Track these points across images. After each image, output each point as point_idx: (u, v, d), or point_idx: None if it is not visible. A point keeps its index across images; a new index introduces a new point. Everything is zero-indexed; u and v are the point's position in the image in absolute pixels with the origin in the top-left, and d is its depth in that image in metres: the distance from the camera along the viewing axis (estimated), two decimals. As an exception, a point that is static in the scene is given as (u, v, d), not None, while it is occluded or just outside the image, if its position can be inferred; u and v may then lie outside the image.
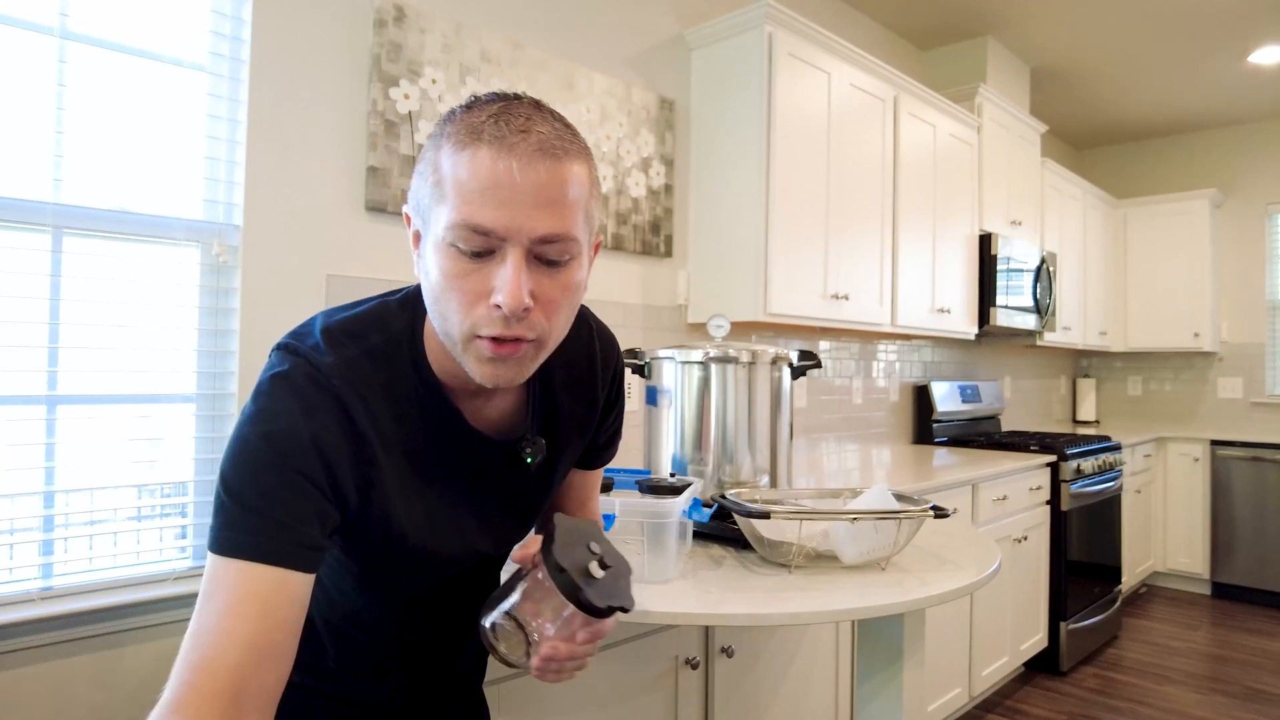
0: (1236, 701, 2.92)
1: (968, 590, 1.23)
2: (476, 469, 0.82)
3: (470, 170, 0.65)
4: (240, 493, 0.65)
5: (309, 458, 0.66)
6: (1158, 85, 4.11)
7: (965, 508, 2.57)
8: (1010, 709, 2.85)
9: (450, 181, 0.66)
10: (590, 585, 0.72)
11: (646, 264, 2.36)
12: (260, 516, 0.64)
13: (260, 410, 0.67)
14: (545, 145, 0.66)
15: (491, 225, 0.65)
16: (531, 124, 0.67)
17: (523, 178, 0.65)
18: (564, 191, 0.67)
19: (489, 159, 0.65)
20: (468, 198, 0.65)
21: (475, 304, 0.67)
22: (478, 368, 0.69)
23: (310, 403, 0.68)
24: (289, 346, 0.72)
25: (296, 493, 0.66)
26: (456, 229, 0.65)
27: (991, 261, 3.28)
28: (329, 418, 0.68)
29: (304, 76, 1.62)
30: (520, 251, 0.66)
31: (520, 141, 0.65)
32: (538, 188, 0.65)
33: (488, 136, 0.65)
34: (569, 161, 0.68)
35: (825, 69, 2.49)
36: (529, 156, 0.65)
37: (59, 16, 1.35)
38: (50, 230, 1.34)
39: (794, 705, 1.83)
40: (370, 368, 0.73)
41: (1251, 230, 4.65)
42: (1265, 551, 4.10)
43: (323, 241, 1.65)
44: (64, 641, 1.29)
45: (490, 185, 0.64)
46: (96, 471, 1.39)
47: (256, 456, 0.65)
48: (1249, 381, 4.63)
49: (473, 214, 0.64)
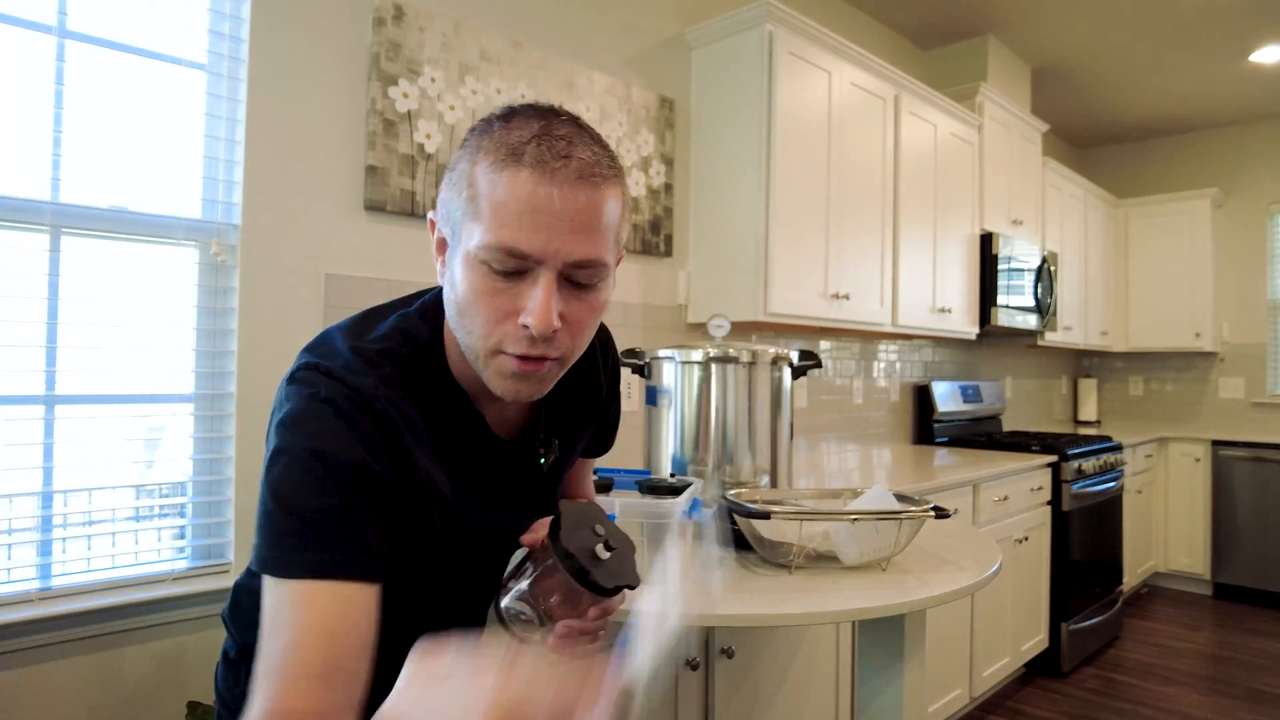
0: (1238, 702, 2.91)
1: (968, 591, 1.23)
2: (499, 471, 0.84)
3: (509, 193, 0.65)
4: (296, 510, 0.63)
5: (363, 476, 0.66)
6: (1159, 85, 4.11)
7: (966, 508, 2.57)
8: (1011, 710, 2.84)
9: (487, 200, 0.66)
10: (597, 567, 0.74)
11: (646, 263, 2.36)
12: (320, 532, 0.63)
13: (307, 432, 0.66)
14: (585, 172, 0.66)
15: (528, 250, 0.65)
16: (573, 149, 0.66)
17: (562, 205, 0.65)
18: (599, 218, 0.67)
19: (530, 184, 0.64)
20: (505, 220, 0.65)
21: (503, 321, 0.67)
22: (500, 383, 0.71)
23: (357, 424, 0.67)
24: (319, 368, 0.69)
25: (354, 509, 0.65)
26: (491, 249, 0.65)
27: (992, 261, 3.27)
28: (375, 440, 0.68)
29: (303, 75, 1.62)
30: (552, 275, 0.66)
31: (562, 168, 0.65)
32: (575, 214, 0.65)
33: (529, 160, 0.65)
34: (607, 188, 0.68)
35: (826, 68, 2.48)
36: (570, 184, 0.65)
37: (58, 15, 1.35)
38: (49, 230, 1.34)
39: (794, 706, 1.82)
40: (406, 382, 0.73)
41: (1253, 230, 4.64)
42: (1267, 552, 4.09)
43: (321, 241, 1.64)
44: (62, 642, 1.28)
45: (529, 210, 0.64)
46: (95, 472, 1.39)
47: (310, 475, 0.64)
48: (1250, 381, 4.62)
49: (509, 237, 0.65)
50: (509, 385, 0.71)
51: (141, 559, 1.43)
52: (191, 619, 1.42)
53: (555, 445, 0.87)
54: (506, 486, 0.86)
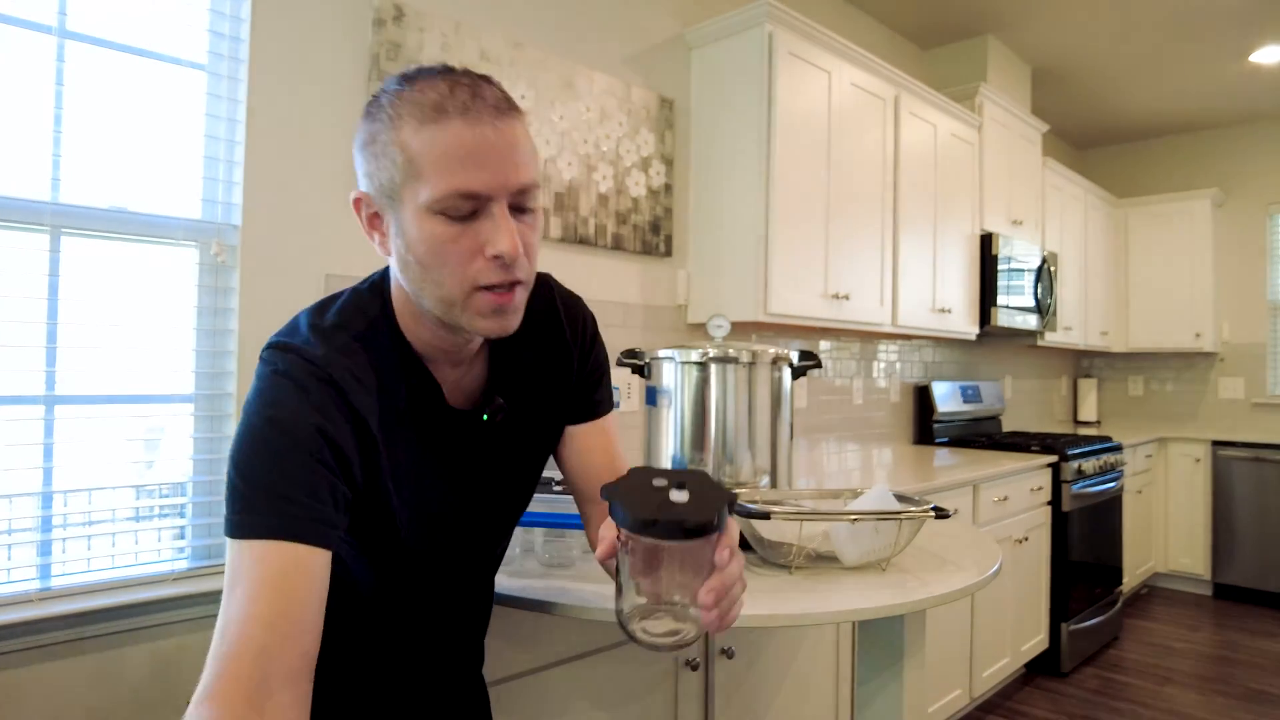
0: (1238, 702, 2.91)
1: (968, 591, 1.23)
2: (458, 439, 0.85)
3: (447, 142, 0.69)
4: (252, 477, 0.67)
5: (316, 440, 0.69)
6: (1159, 85, 4.11)
7: (966, 508, 2.57)
8: (1011, 710, 2.84)
9: (425, 156, 0.69)
10: (685, 512, 0.63)
11: (646, 264, 2.36)
12: (274, 497, 0.66)
13: (264, 402, 0.70)
14: (501, 106, 0.72)
15: (480, 188, 0.69)
16: (482, 89, 0.72)
17: (496, 139, 0.70)
18: (527, 142, 0.73)
19: (463, 129, 0.69)
20: (451, 167, 0.69)
21: (472, 260, 0.71)
22: (483, 323, 0.74)
23: (310, 392, 0.71)
24: (280, 345, 0.75)
25: (308, 472, 0.68)
26: (447, 198, 0.69)
27: (992, 261, 3.27)
28: (330, 405, 0.72)
29: (303, 76, 1.62)
30: (504, 205, 0.71)
31: (484, 108, 0.70)
32: (509, 145, 0.71)
33: (454, 109, 0.69)
34: (515, 115, 0.73)
35: (826, 68, 2.48)
36: (495, 120, 0.70)
37: (58, 15, 1.35)
38: (48, 230, 1.34)
39: (794, 707, 1.82)
40: (361, 352, 0.77)
41: (1253, 230, 4.65)
42: (1266, 552, 4.09)
43: (321, 241, 1.64)
44: (62, 642, 1.28)
45: (471, 153, 0.69)
46: (95, 472, 1.39)
47: (266, 442, 0.68)
48: (1250, 382, 4.62)
49: (460, 181, 0.69)
50: (493, 322, 0.74)
51: (141, 559, 1.43)
52: (192, 619, 1.42)
53: (500, 403, 0.87)
54: (461, 453, 0.86)
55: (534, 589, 1.17)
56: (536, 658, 1.32)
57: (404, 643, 0.91)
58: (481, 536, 0.92)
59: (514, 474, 0.92)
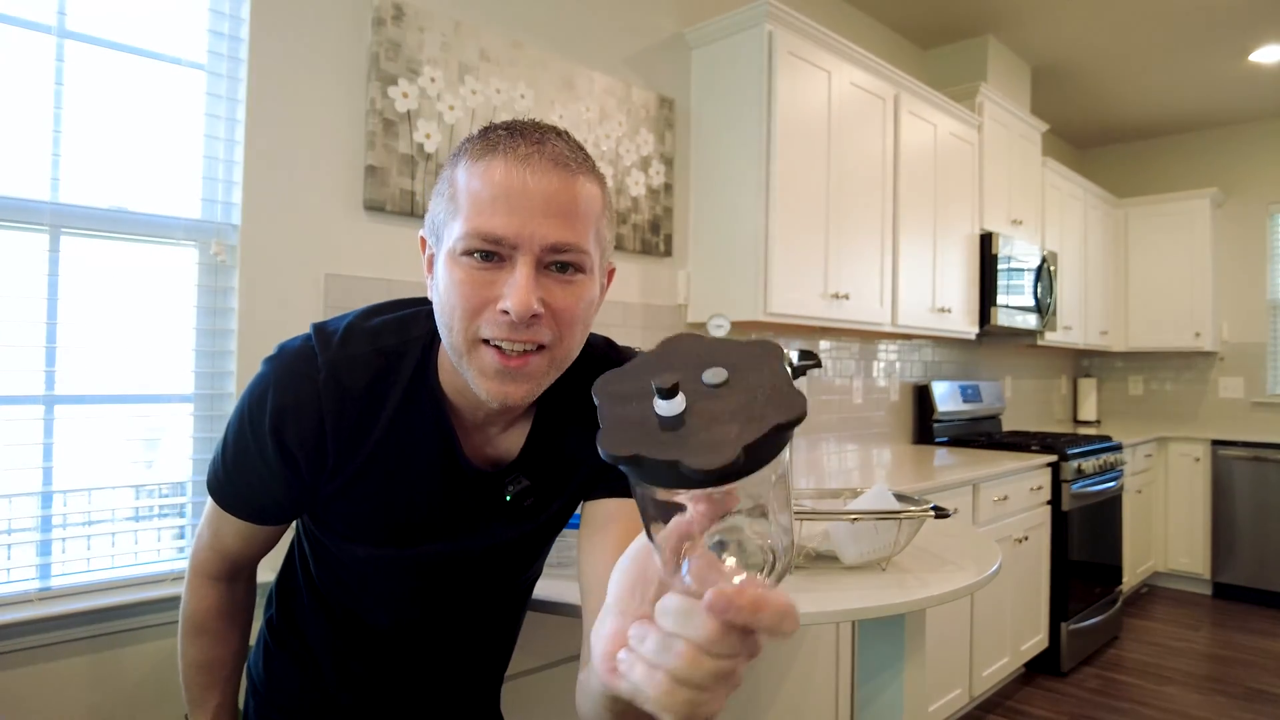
0: (1237, 702, 2.91)
1: (968, 591, 1.23)
2: (456, 494, 0.79)
3: (483, 180, 0.66)
4: (223, 454, 0.80)
5: (280, 434, 0.74)
6: (1158, 84, 4.11)
7: (966, 508, 2.57)
8: (1011, 709, 2.84)
9: (464, 194, 0.67)
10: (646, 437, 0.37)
11: (646, 263, 2.36)
12: (233, 477, 0.80)
13: (251, 392, 0.76)
14: (559, 158, 0.67)
15: (502, 233, 0.64)
16: (545, 138, 0.68)
17: (535, 185, 0.65)
18: (575, 203, 0.67)
19: (502, 167, 0.65)
20: (480, 207, 0.65)
21: (482, 310, 0.66)
22: (483, 383, 0.67)
23: (290, 386, 0.74)
24: (316, 326, 0.77)
25: (259, 463, 0.76)
26: (468, 238, 0.65)
27: (992, 261, 3.27)
28: (305, 402, 0.73)
29: (302, 75, 1.62)
30: (530, 259, 0.65)
31: (534, 153, 0.66)
32: (548, 196, 0.65)
33: (503, 148, 0.66)
34: (581, 177, 0.68)
35: (826, 68, 2.48)
36: (541, 166, 0.66)
37: (57, 15, 1.35)
38: (48, 230, 1.34)
39: (794, 706, 1.82)
40: (375, 366, 0.74)
41: (1252, 230, 4.65)
42: (1266, 552, 4.09)
43: (321, 241, 1.64)
44: (62, 642, 1.28)
45: (502, 193, 0.65)
46: (94, 472, 1.39)
47: (237, 425, 0.77)
48: (1250, 381, 4.62)
49: (484, 222, 0.65)
50: (493, 385, 0.67)
51: (141, 559, 1.43)
52: (191, 619, 1.42)
53: (525, 484, 0.81)
54: (465, 513, 0.80)
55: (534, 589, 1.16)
56: (537, 657, 1.32)
57: (409, 673, 0.91)
58: (480, 601, 0.90)
59: (512, 548, 0.85)
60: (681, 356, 0.42)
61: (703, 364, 0.40)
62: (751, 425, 0.36)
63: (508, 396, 0.67)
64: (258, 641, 0.96)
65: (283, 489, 0.78)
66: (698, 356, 0.41)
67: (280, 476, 0.76)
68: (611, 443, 0.37)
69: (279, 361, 0.75)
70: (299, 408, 0.73)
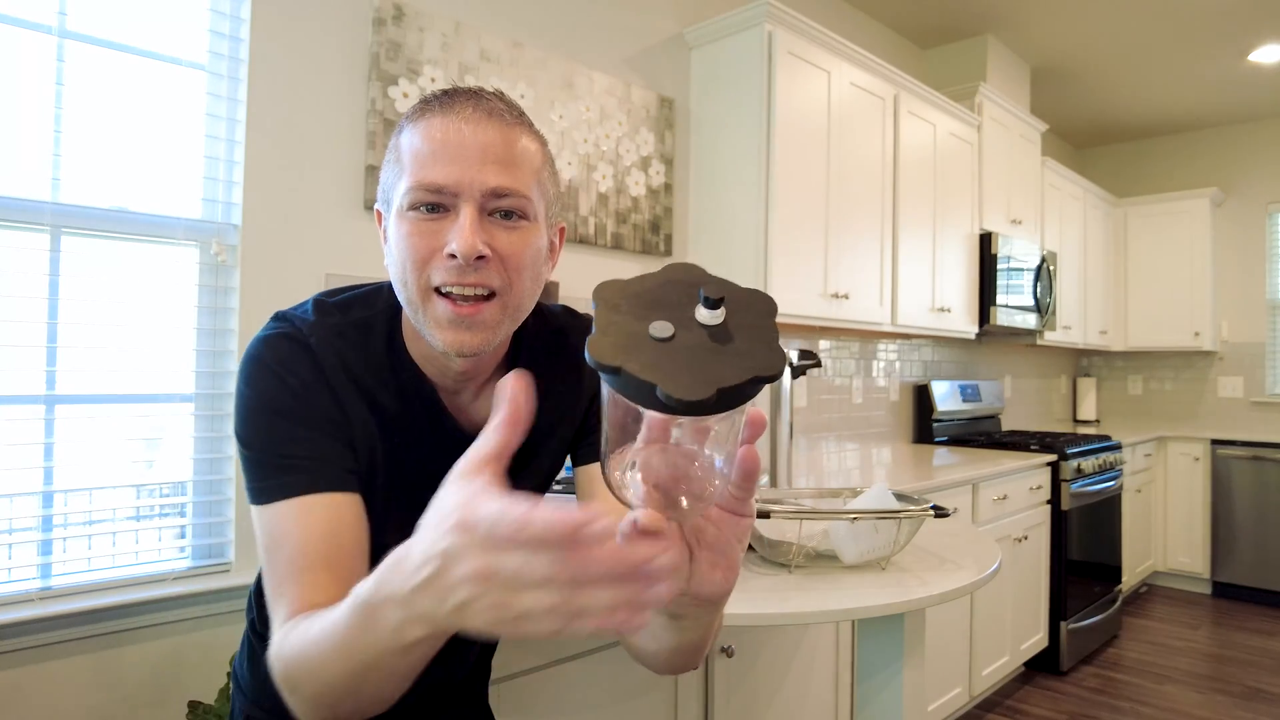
0: (1237, 701, 2.92)
1: (968, 590, 1.23)
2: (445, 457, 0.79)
3: (424, 136, 0.68)
4: (259, 445, 0.69)
5: (303, 399, 0.70)
6: (1158, 84, 4.11)
7: (965, 507, 2.57)
8: (1010, 709, 2.85)
9: (407, 153, 0.69)
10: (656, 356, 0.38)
11: (646, 263, 2.36)
12: (287, 457, 0.68)
13: (249, 372, 0.71)
14: (494, 110, 0.70)
15: (443, 181, 0.67)
16: (481, 94, 0.71)
17: (471, 135, 0.68)
18: (512, 151, 0.69)
19: (440, 123, 0.68)
20: (421, 161, 0.68)
21: (430, 258, 0.68)
22: (438, 333, 0.69)
23: (289, 356, 0.72)
24: (279, 314, 0.76)
25: (307, 428, 0.70)
26: (411, 191, 0.68)
27: (992, 260, 3.28)
28: (306, 370, 0.72)
29: (303, 75, 1.62)
30: (473, 205, 0.68)
31: (469, 105, 0.69)
32: (486, 145, 0.68)
33: (439, 106, 0.69)
34: (518, 128, 0.71)
35: (825, 68, 2.48)
36: (476, 118, 0.69)
37: (57, 15, 1.35)
38: (49, 230, 1.34)
39: (794, 705, 1.83)
40: (353, 335, 0.75)
41: (1252, 229, 4.65)
42: (1266, 551, 4.09)
43: (321, 240, 1.64)
44: (63, 642, 1.28)
45: (440, 145, 0.67)
46: (95, 471, 1.39)
47: (261, 410, 0.70)
48: (1249, 381, 4.63)
49: (425, 174, 0.67)
50: (449, 335, 0.68)
51: (142, 559, 1.43)
52: (192, 619, 1.42)
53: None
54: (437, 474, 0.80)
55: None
56: (537, 657, 1.33)
57: None
58: None
59: None
60: (684, 286, 0.43)
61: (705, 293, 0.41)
62: (731, 370, 0.38)
63: (463, 345, 0.69)
64: (242, 643, 0.95)
65: (341, 437, 0.71)
66: (697, 288, 0.42)
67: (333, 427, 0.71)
68: (600, 350, 0.38)
69: (263, 344, 0.72)
70: (305, 370, 0.72)
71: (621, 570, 0.39)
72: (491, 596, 0.40)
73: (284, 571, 0.64)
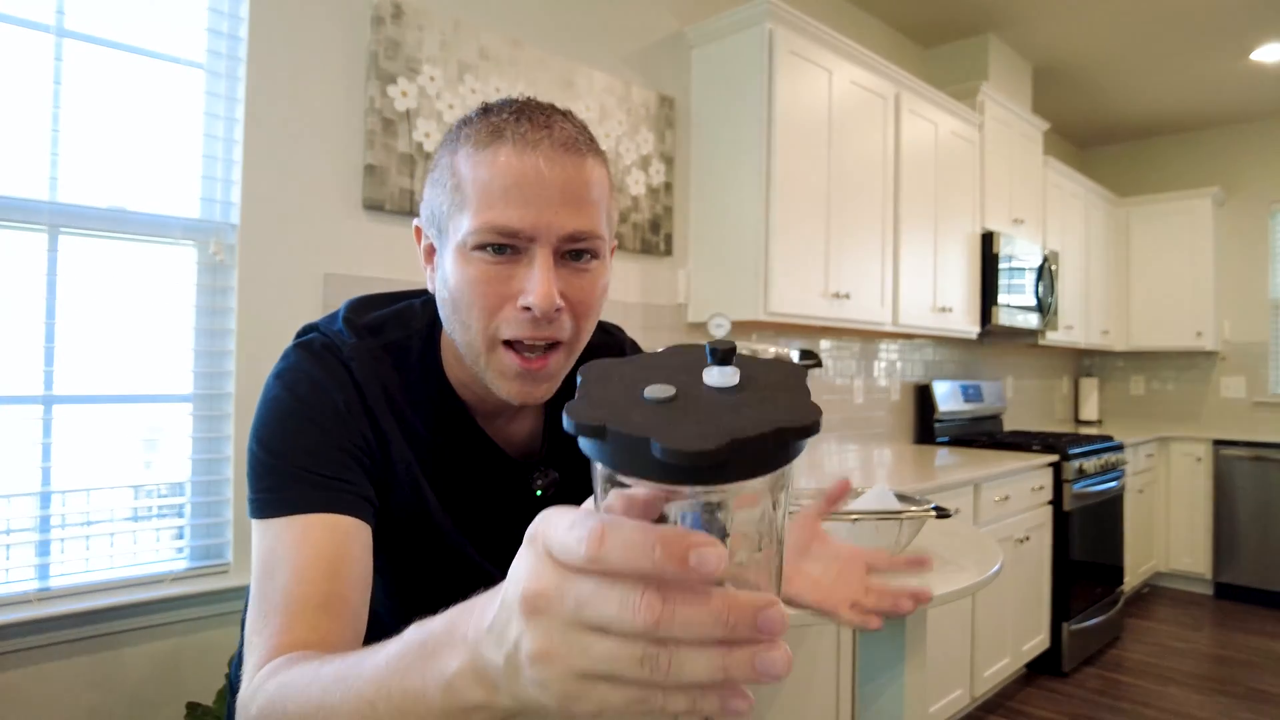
0: (1239, 702, 2.91)
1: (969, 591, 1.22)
2: (487, 485, 0.77)
3: (493, 170, 0.63)
4: (283, 452, 0.64)
5: (341, 417, 0.67)
6: (1160, 83, 4.10)
7: (967, 508, 2.56)
8: (1012, 710, 2.84)
9: (471, 184, 0.64)
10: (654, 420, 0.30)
11: (646, 262, 2.35)
12: (309, 470, 0.63)
13: (288, 381, 0.67)
14: (569, 141, 0.64)
15: (519, 225, 0.62)
16: (553, 120, 0.65)
17: (549, 174, 0.62)
18: (588, 188, 0.65)
19: (513, 158, 0.62)
20: (492, 199, 0.63)
21: (501, 307, 0.64)
22: (504, 385, 0.67)
23: (332, 370, 0.68)
24: (314, 327, 0.73)
25: (337, 446, 0.65)
26: (480, 232, 0.63)
27: (993, 260, 3.27)
28: (347, 389, 0.68)
29: (301, 74, 1.61)
30: (548, 251, 0.63)
31: (544, 138, 0.63)
32: (563, 184, 0.63)
33: (510, 135, 0.63)
34: (592, 159, 0.66)
35: (826, 66, 2.48)
36: (553, 153, 0.63)
37: (56, 15, 1.35)
38: (46, 229, 1.34)
39: (794, 706, 1.82)
40: (388, 361, 0.72)
41: (1254, 229, 4.63)
42: (1268, 552, 4.08)
43: (320, 240, 1.64)
44: (61, 643, 1.28)
45: (515, 184, 0.62)
46: (93, 472, 1.39)
47: (294, 416, 0.65)
48: (1252, 381, 4.61)
49: (496, 215, 0.62)
50: (514, 386, 0.67)
51: (140, 559, 1.43)
52: (191, 619, 1.42)
53: (553, 477, 0.78)
54: (495, 502, 0.77)
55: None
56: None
57: None
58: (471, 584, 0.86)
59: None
60: (687, 355, 0.36)
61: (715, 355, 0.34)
62: (749, 420, 0.29)
63: (529, 396, 0.67)
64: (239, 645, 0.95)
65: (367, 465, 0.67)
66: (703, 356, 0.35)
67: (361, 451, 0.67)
68: (578, 411, 0.31)
69: (306, 352, 0.69)
70: (346, 388, 0.68)
71: (731, 619, 0.27)
72: (560, 643, 0.30)
73: (274, 600, 0.57)
